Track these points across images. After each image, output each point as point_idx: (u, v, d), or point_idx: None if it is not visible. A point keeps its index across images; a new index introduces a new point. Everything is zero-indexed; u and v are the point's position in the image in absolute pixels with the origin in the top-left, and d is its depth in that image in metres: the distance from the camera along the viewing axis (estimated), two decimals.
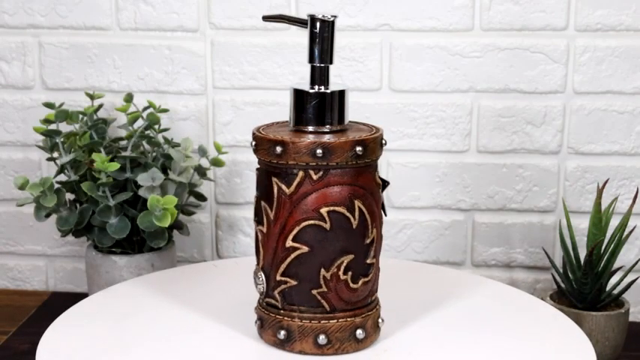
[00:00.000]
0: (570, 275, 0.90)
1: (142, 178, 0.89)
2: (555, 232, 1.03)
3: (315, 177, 0.62)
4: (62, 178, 0.96)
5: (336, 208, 0.62)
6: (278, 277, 0.64)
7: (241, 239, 1.07)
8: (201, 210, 1.06)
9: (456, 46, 0.99)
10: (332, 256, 0.63)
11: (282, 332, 0.64)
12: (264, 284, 0.65)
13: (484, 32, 0.99)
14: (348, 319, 0.64)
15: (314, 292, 0.64)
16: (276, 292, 0.64)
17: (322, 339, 0.64)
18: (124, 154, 0.92)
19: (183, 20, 1.02)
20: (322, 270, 0.63)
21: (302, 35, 0.98)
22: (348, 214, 0.63)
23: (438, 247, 1.05)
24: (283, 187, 0.62)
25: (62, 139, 0.93)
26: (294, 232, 0.62)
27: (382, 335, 0.68)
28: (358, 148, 0.62)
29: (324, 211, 0.62)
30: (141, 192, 0.90)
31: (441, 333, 0.69)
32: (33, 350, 0.67)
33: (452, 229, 1.04)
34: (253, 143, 0.64)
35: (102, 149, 0.91)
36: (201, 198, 0.98)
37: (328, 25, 0.64)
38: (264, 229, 0.64)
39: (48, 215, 0.92)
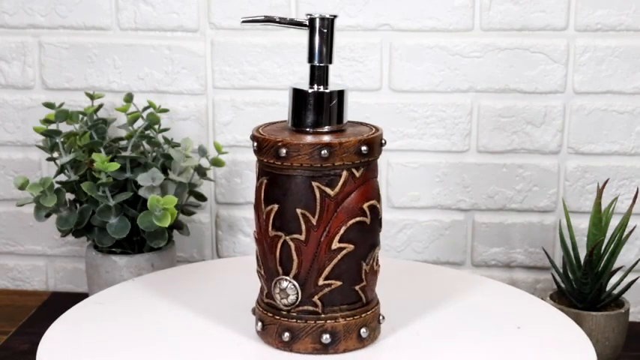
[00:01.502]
0: (570, 275, 0.90)
1: (142, 178, 0.89)
2: (555, 232, 1.03)
3: (357, 174, 0.63)
4: (62, 178, 0.96)
5: (372, 202, 0.64)
6: (321, 282, 0.63)
7: (241, 239, 1.07)
8: (201, 210, 1.06)
9: (456, 46, 0.99)
10: (369, 249, 0.65)
11: (326, 336, 0.64)
12: (298, 294, 0.64)
13: (484, 32, 0.99)
14: (375, 307, 0.66)
15: (356, 287, 0.64)
16: (315, 298, 0.64)
17: (364, 332, 0.65)
18: (124, 154, 0.92)
19: (183, 20, 1.02)
20: (363, 264, 0.64)
21: (302, 35, 0.98)
22: (378, 206, 0.65)
23: (438, 247, 1.05)
24: (327, 189, 0.62)
25: (62, 139, 0.93)
26: (341, 232, 0.63)
27: (383, 335, 0.68)
28: (383, 141, 0.65)
29: (365, 206, 0.63)
30: (141, 192, 0.90)
31: (441, 333, 0.69)
32: (33, 350, 0.67)
33: (452, 229, 1.04)
34: (284, 151, 0.61)
35: (102, 149, 0.91)
36: (201, 198, 0.98)
37: (327, 25, 0.64)
38: (302, 237, 0.63)
39: (48, 215, 0.92)
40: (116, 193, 0.91)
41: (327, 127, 0.64)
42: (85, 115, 0.95)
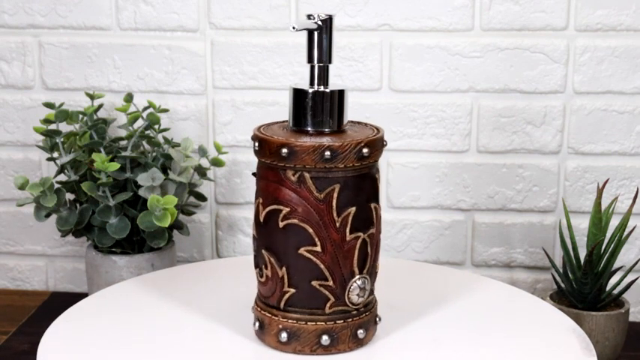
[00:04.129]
0: (570, 275, 0.90)
1: (142, 178, 0.89)
2: (555, 232, 1.03)
3: None
4: (62, 178, 0.96)
5: None
6: (377, 267, 0.66)
7: (241, 239, 1.07)
8: (201, 210, 1.06)
9: (456, 46, 0.99)
10: None
11: (377, 318, 0.67)
12: (369, 288, 0.64)
13: (484, 32, 0.99)
14: None
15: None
16: (374, 285, 0.66)
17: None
18: (124, 154, 0.92)
19: (183, 20, 1.02)
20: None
21: (302, 35, 0.98)
22: None
23: (438, 247, 1.05)
24: (378, 178, 0.64)
25: (62, 139, 0.93)
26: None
27: (381, 335, 0.68)
28: None
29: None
30: (141, 192, 0.90)
31: (441, 333, 0.69)
32: (33, 350, 0.67)
33: (452, 229, 1.04)
34: (367, 150, 0.61)
35: (102, 149, 0.91)
36: (201, 198, 0.98)
37: (326, 25, 0.64)
38: (374, 230, 0.64)
39: (48, 215, 0.92)
40: (116, 193, 0.91)
41: (326, 128, 0.64)
42: (85, 115, 0.95)
